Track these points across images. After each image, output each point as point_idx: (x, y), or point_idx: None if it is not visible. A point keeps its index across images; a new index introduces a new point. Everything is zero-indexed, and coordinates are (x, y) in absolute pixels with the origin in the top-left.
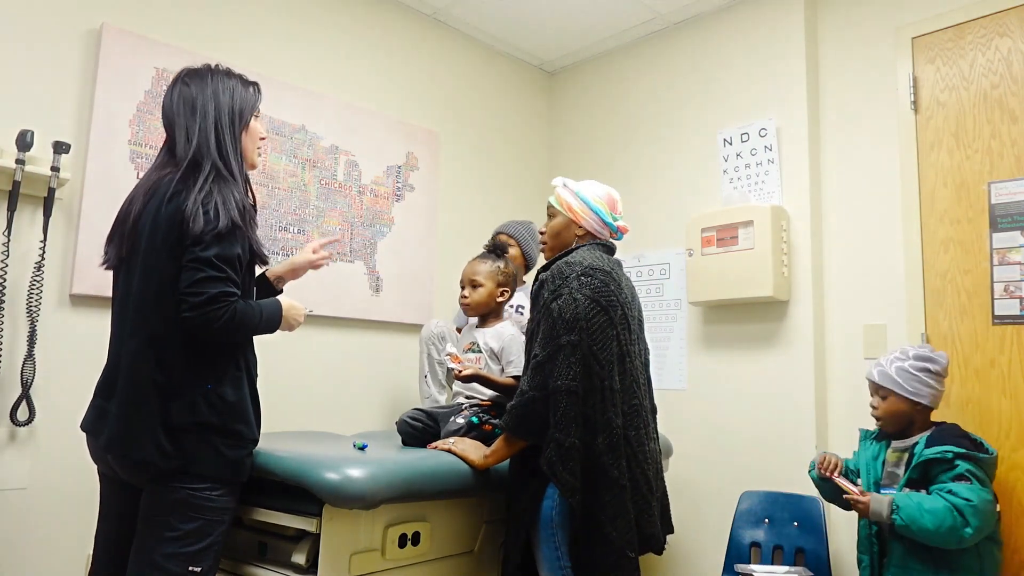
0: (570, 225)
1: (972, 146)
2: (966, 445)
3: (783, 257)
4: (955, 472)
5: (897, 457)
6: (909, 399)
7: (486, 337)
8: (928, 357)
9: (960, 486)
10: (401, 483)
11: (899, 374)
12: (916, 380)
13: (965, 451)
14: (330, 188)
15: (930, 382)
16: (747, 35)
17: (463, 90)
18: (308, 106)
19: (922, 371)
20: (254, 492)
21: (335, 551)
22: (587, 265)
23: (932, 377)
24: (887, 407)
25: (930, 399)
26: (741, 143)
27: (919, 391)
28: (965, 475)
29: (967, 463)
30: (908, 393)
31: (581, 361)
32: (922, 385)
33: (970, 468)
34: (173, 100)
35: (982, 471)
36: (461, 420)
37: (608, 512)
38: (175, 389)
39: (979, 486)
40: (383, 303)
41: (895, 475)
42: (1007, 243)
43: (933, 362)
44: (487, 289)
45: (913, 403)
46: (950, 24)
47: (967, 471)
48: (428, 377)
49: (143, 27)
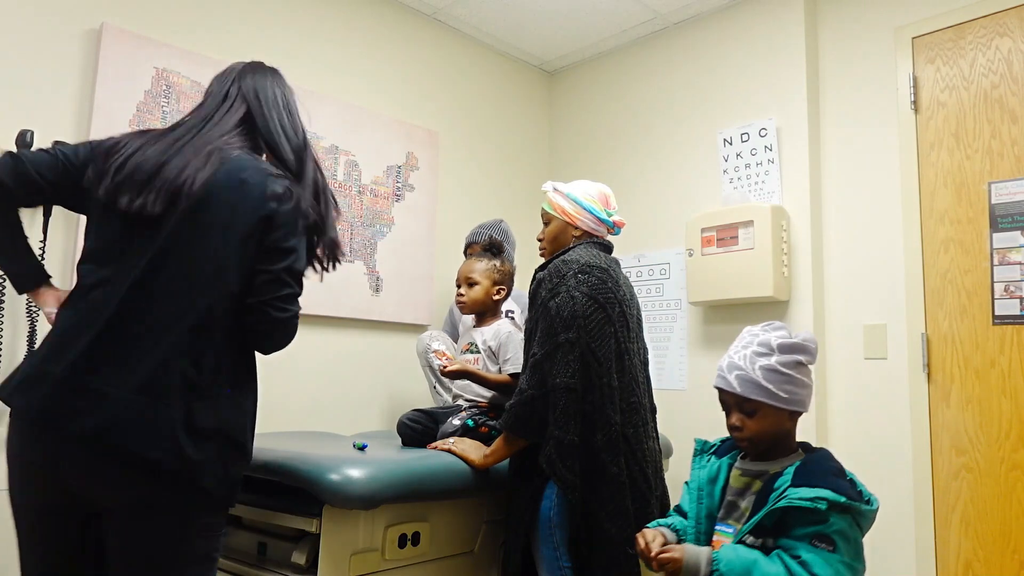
0: (566, 228)
1: (972, 146)
2: (847, 492)
3: (783, 257)
4: (822, 530)
5: (744, 484)
6: (788, 410)
7: (484, 336)
8: (797, 346)
9: (818, 556)
10: (401, 483)
11: (769, 377)
12: (790, 382)
13: (846, 501)
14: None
15: (805, 380)
16: (747, 35)
17: (463, 90)
18: (308, 106)
19: (796, 367)
20: (254, 492)
21: (335, 551)
22: (584, 263)
23: (806, 373)
24: (758, 426)
25: (808, 404)
26: (741, 143)
27: (796, 396)
28: (833, 537)
29: (843, 519)
30: (784, 403)
31: (580, 359)
32: (798, 387)
33: (843, 529)
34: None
35: (858, 530)
36: (457, 422)
37: (608, 509)
38: (203, 388)
39: (846, 558)
40: (383, 303)
41: (736, 507)
42: (1007, 243)
43: (805, 352)
44: (483, 287)
45: (793, 414)
46: (950, 24)
47: (839, 532)
48: (437, 386)
49: (143, 27)
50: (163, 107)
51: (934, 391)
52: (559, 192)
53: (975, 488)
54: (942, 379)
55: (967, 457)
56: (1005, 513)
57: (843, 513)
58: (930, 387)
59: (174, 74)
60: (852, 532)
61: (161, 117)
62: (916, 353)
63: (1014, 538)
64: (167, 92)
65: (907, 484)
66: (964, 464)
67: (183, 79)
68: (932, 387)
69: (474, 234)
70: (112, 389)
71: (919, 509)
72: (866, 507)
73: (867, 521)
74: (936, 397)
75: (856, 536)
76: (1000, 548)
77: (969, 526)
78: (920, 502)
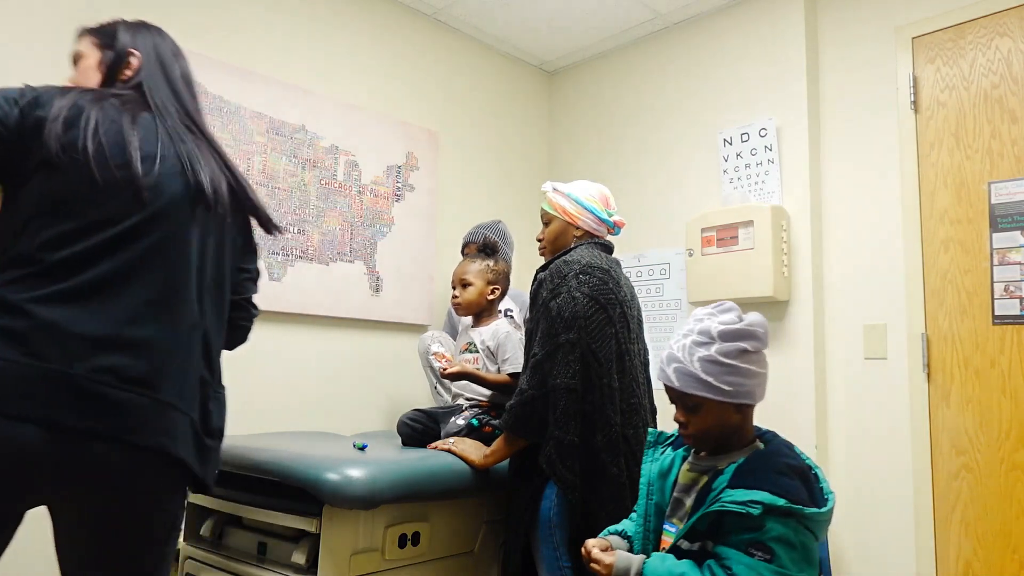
0: (567, 228)
1: (972, 146)
2: (791, 493)
3: (783, 257)
4: (757, 537)
5: (691, 480)
6: (733, 403)
7: (482, 336)
8: (741, 332)
9: (750, 568)
10: (401, 483)
11: (708, 369)
12: (734, 373)
13: (785, 505)
14: (330, 188)
15: (753, 368)
16: (747, 35)
17: (463, 90)
18: (308, 106)
19: (740, 356)
20: (254, 492)
21: (335, 551)
22: (585, 263)
23: (754, 360)
24: (702, 422)
25: (759, 393)
26: (741, 143)
27: (743, 388)
28: (770, 545)
29: (784, 525)
30: (728, 396)
31: (580, 359)
32: (744, 378)
33: (784, 535)
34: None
35: (808, 534)
36: (461, 422)
37: (608, 509)
38: (213, 388)
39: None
40: (383, 303)
41: (681, 504)
42: (1007, 243)
43: (751, 337)
44: (477, 288)
45: (740, 407)
46: (950, 24)
47: (778, 539)
48: (438, 386)
49: None
50: None
51: (934, 391)
52: (559, 192)
53: (975, 488)
54: (942, 379)
55: (967, 457)
56: (1005, 513)
57: (784, 517)
58: (930, 387)
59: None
60: (799, 537)
61: None
62: (916, 353)
63: (1014, 538)
64: None
65: (907, 484)
66: (964, 464)
67: None
68: (932, 387)
69: (471, 235)
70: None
71: (919, 509)
72: (811, 510)
73: (819, 524)
74: (936, 397)
75: (804, 540)
76: (1000, 548)
77: (969, 526)
78: (920, 502)
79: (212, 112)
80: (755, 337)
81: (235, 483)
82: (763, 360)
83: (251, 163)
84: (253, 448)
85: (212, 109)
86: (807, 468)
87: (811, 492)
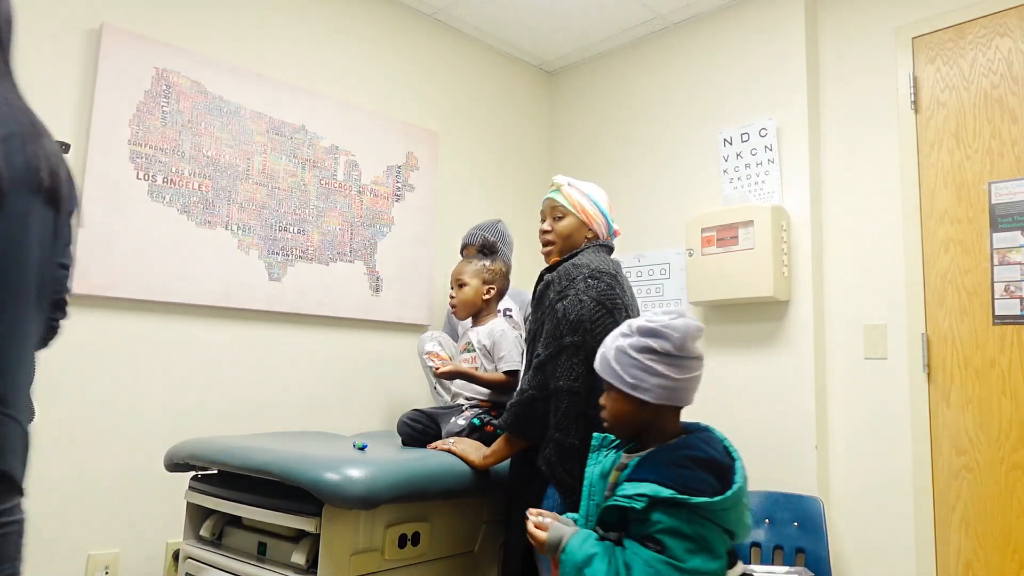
0: (582, 228)
1: (972, 146)
2: (688, 484)
3: (783, 257)
4: (645, 529)
5: (616, 477)
6: (635, 397)
7: (478, 335)
8: (651, 330)
9: (641, 558)
10: (401, 483)
11: (618, 358)
12: (637, 367)
13: (671, 496)
14: (330, 188)
15: (657, 368)
16: (747, 35)
17: (463, 90)
18: (308, 106)
19: (644, 352)
20: (254, 492)
21: (335, 551)
22: (594, 268)
23: (660, 361)
24: (611, 409)
25: (658, 395)
26: (741, 143)
27: (643, 383)
28: (659, 537)
29: (673, 516)
30: (628, 388)
31: (584, 362)
32: (647, 374)
33: (673, 527)
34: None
35: (704, 525)
36: (463, 422)
37: None
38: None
39: (677, 559)
40: (383, 303)
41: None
42: (1007, 243)
43: (657, 336)
44: (472, 288)
45: (638, 401)
46: (950, 24)
47: (667, 531)
48: (438, 387)
49: (143, 27)
50: (163, 107)
51: (934, 391)
52: (577, 189)
53: (975, 488)
54: (942, 379)
55: (967, 457)
56: (1005, 513)
57: (673, 508)
58: (930, 387)
59: (174, 74)
60: (693, 527)
61: (161, 117)
62: (916, 353)
63: (1014, 538)
64: (167, 92)
65: (907, 484)
66: (964, 464)
67: (183, 79)
68: (932, 387)
69: (470, 235)
70: None
71: (919, 509)
72: (699, 500)
73: (719, 514)
74: (936, 397)
75: (699, 531)
76: (1000, 548)
77: (969, 526)
78: (920, 502)
79: (212, 112)
80: (661, 336)
81: (235, 483)
82: (674, 364)
83: (251, 163)
84: (253, 448)
85: (212, 109)
86: (715, 460)
87: (725, 483)
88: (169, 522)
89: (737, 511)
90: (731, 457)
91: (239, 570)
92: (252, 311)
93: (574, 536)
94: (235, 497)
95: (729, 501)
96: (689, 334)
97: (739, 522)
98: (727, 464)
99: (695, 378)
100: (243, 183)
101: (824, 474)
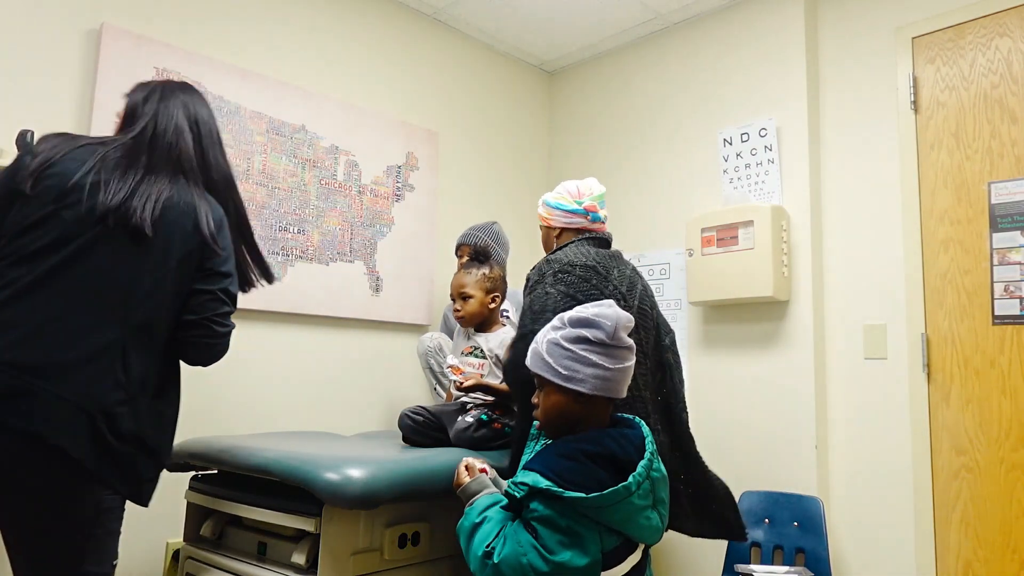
0: (548, 232)
1: (972, 146)
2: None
3: (783, 257)
4: (527, 514)
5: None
6: (570, 388)
7: (490, 343)
8: (583, 320)
9: (515, 535)
10: (401, 483)
11: (550, 351)
12: (570, 358)
13: (547, 487)
14: (330, 188)
15: (591, 358)
16: (747, 35)
17: (463, 90)
18: (308, 106)
19: (577, 342)
20: (254, 492)
21: (335, 551)
22: (566, 262)
23: (594, 351)
24: (544, 403)
25: (592, 385)
26: (741, 143)
27: (577, 374)
28: (533, 524)
29: (548, 507)
30: (563, 380)
31: None
32: (580, 364)
33: (547, 517)
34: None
35: (579, 519)
36: (470, 419)
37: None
38: (130, 394)
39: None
40: (383, 303)
41: None
42: (1007, 243)
43: (590, 325)
44: (477, 299)
45: (572, 393)
46: (950, 24)
47: (541, 520)
48: (438, 387)
49: (143, 27)
50: None
51: (934, 391)
52: (542, 201)
53: (975, 488)
54: (942, 379)
55: (967, 457)
56: (1005, 513)
57: (548, 500)
58: (930, 387)
59: (174, 74)
60: (565, 520)
61: None
62: (916, 353)
63: (1014, 538)
64: None
65: (907, 484)
66: (964, 464)
67: (183, 79)
68: (932, 387)
69: (465, 236)
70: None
71: (919, 509)
72: (571, 494)
73: (595, 510)
74: (936, 397)
75: (571, 524)
76: (1000, 548)
77: (969, 526)
78: (920, 502)
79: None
80: (594, 326)
81: (235, 483)
82: (607, 354)
83: (251, 163)
84: (253, 448)
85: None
86: (614, 455)
87: (615, 479)
88: (169, 522)
89: (623, 510)
90: (614, 452)
91: (239, 570)
92: (252, 311)
93: (485, 495)
94: (235, 497)
95: (608, 499)
96: (620, 323)
97: (628, 522)
98: (632, 461)
99: (627, 369)
100: (243, 183)
101: (824, 474)
